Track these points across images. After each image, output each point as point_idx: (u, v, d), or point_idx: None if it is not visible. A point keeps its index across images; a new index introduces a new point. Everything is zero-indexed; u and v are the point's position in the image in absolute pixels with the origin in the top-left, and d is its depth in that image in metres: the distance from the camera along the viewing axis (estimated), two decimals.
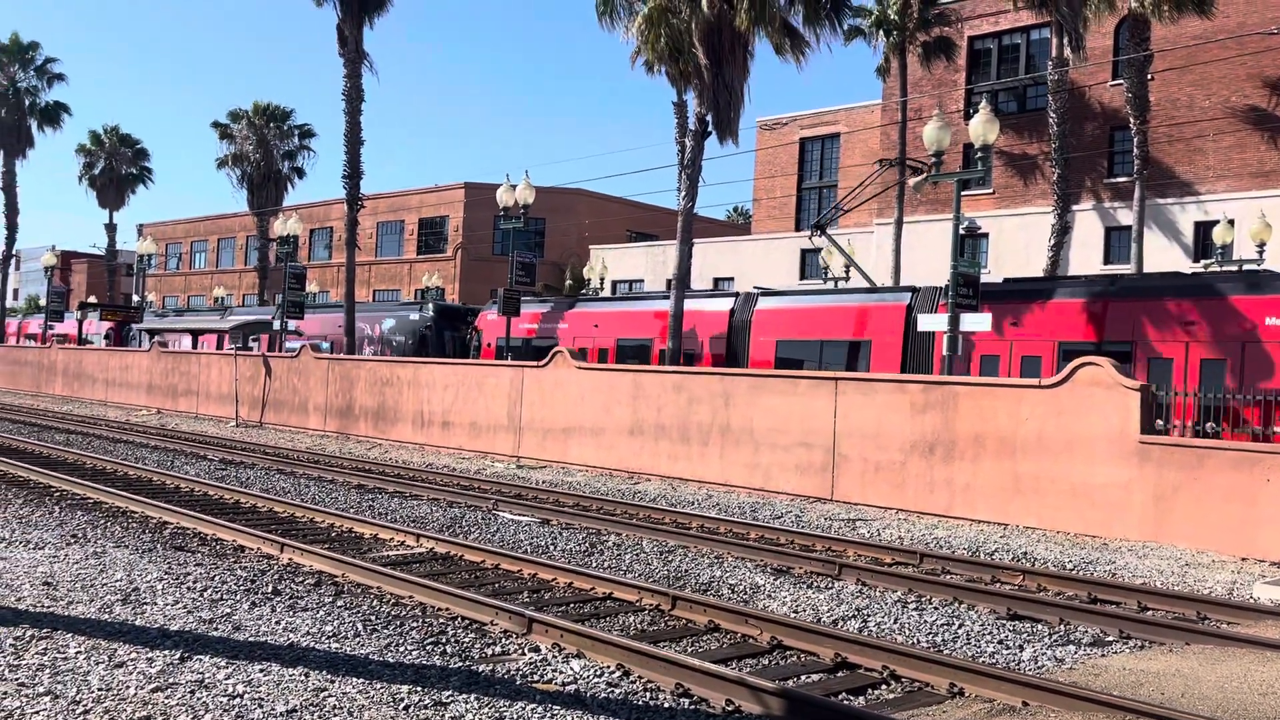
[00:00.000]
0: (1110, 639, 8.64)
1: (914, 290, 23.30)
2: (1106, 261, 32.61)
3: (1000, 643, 8.36)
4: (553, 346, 26.91)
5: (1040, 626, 8.98)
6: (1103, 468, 14.33)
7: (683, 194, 26.23)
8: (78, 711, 5.61)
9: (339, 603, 8.64)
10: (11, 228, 55.71)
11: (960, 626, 8.82)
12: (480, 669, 6.90)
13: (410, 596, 8.95)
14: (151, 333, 42.92)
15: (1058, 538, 14.23)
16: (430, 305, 35.98)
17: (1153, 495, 13.92)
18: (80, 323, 51.45)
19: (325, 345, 36.04)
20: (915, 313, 22.01)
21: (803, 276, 41.74)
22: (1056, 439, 14.81)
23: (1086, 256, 32.57)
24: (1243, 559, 12.82)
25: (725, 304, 26.69)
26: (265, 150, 52.76)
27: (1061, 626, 8.97)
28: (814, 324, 24.05)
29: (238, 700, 5.91)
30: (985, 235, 35.18)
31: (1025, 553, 12.86)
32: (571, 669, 6.99)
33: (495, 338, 30.29)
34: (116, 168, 58.72)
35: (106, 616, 7.66)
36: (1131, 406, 14.15)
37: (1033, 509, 14.97)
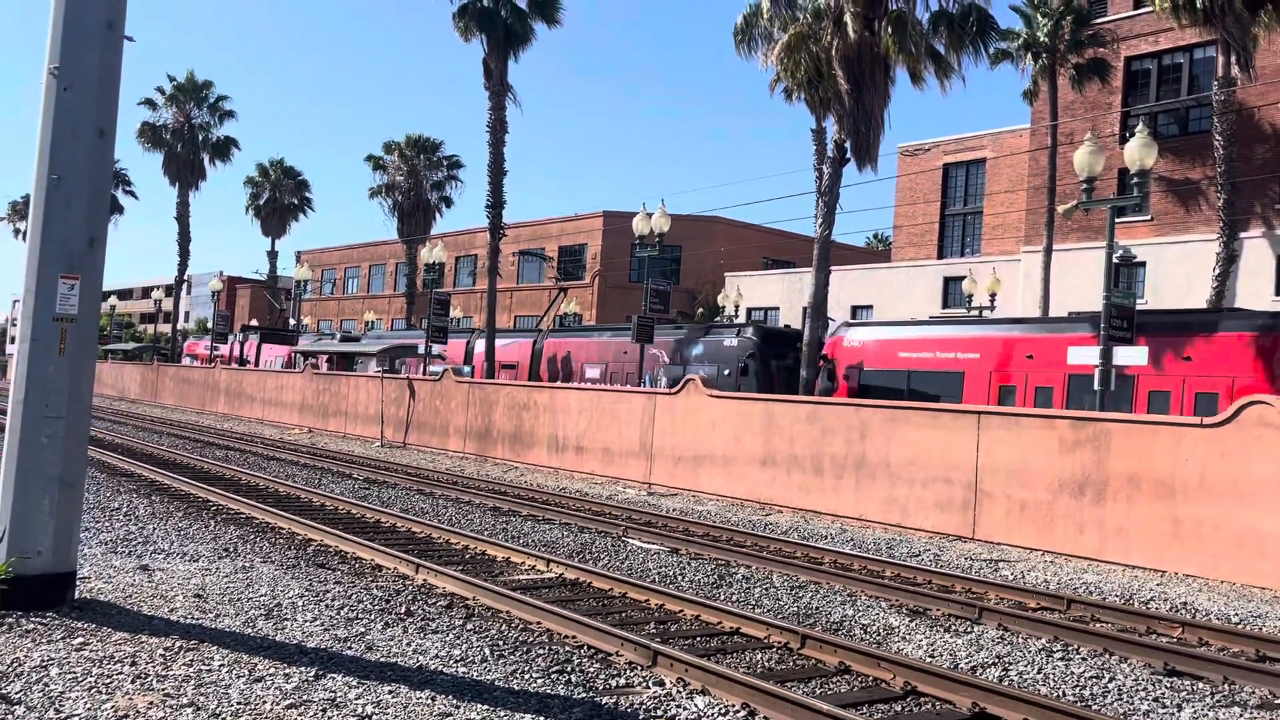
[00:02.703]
0: None
1: None
2: (1279, 292, 30.56)
3: (1156, 700, 7.81)
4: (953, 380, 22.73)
5: (1201, 685, 8.35)
6: (1274, 515, 13.31)
7: (820, 221, 25.91)
8: None
9: (468, 626, 8.75)
10: (184, 254, 59.53)
11: (1111, 680, 8.29)
12: (604, 701, 6.84)
13: (538, 622, 9.00)
14: (305, 354, 44.99)
15: (1221, 588, 13.27)
16: (751, 328, 30.43)
17: None
18: (240, 345, 54.40)
19: (467, 370, 36.95)
20: None
21: (944, 305, 40.55)
22: (1220, 482, 13.85)
23: (1255, 287, 30.55)
24: None
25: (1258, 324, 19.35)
26: (415, 180, 54.85)
27: (1225, 686, 8.32)
28: None
29: None
30: (1142, 264, 33.45)
31: (1185, 603, 12.03)
32: (696, 706, 6.86)
33: (852, 367, 25.33)
34: (280, 198, 62.15)
35: (250, 631, 7.96)
36: None
37: (1193, 556, 14.02)
